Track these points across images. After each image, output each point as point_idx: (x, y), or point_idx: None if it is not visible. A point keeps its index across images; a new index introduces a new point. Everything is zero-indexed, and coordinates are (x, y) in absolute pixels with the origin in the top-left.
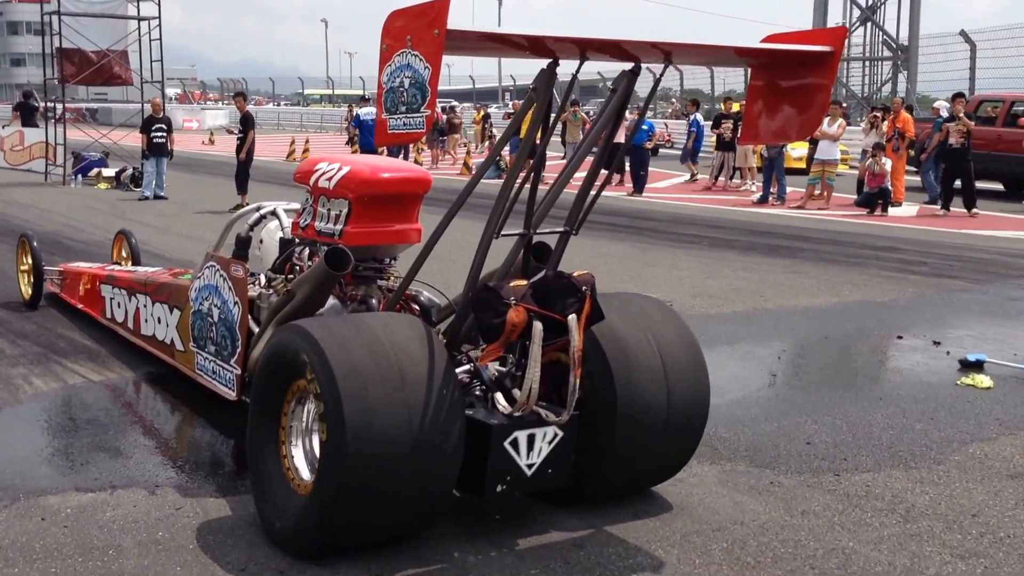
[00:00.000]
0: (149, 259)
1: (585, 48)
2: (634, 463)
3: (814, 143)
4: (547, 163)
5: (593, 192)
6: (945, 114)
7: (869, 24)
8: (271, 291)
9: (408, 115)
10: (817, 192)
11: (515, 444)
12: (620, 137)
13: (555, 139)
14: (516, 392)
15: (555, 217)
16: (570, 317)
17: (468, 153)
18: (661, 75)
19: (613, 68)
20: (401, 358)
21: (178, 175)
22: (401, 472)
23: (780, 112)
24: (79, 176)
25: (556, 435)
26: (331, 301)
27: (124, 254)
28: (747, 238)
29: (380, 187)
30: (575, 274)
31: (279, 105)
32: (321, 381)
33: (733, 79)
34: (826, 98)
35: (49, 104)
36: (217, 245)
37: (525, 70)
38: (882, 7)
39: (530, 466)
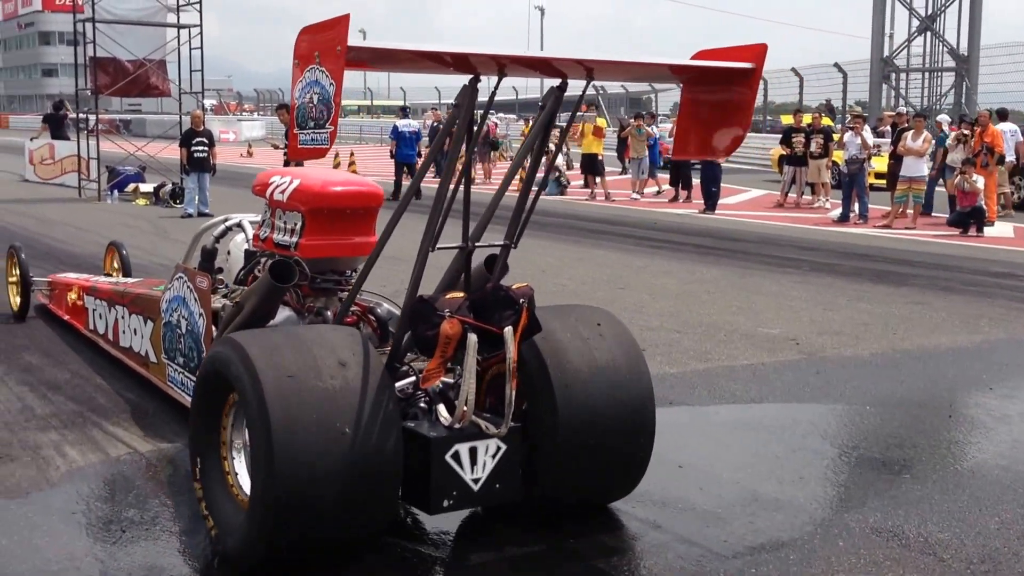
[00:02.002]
0: None
1: (503, 64)
2: (582, 476)
3: (896, 159)
4: (607, 178)
5: (528, 205)
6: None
7: (928, 33)
8: (232, 303)
9: (316, 131)
10: (900, 211)
11: (457, 457)
12: None
13: (611, 154)
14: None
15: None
16: (506, 329)
17: (523, 168)
18: (584, 90)
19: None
20: (333, 370)
21: (219, 189)
22: (335, 485)
23: (708, 128)
24: (115, 192)
25: (499, 448)
26: (287, 313)
27: (116, 265)
28: (848, 262)
29: (331, 200)
30: (513, 287)
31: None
32: (248, 393)
33: (788, 91)
34: (748, 114)
35: (81, 115)
36: (186, 257)
37: (570, 80)
38: (942, 15)
39: (476, 480)
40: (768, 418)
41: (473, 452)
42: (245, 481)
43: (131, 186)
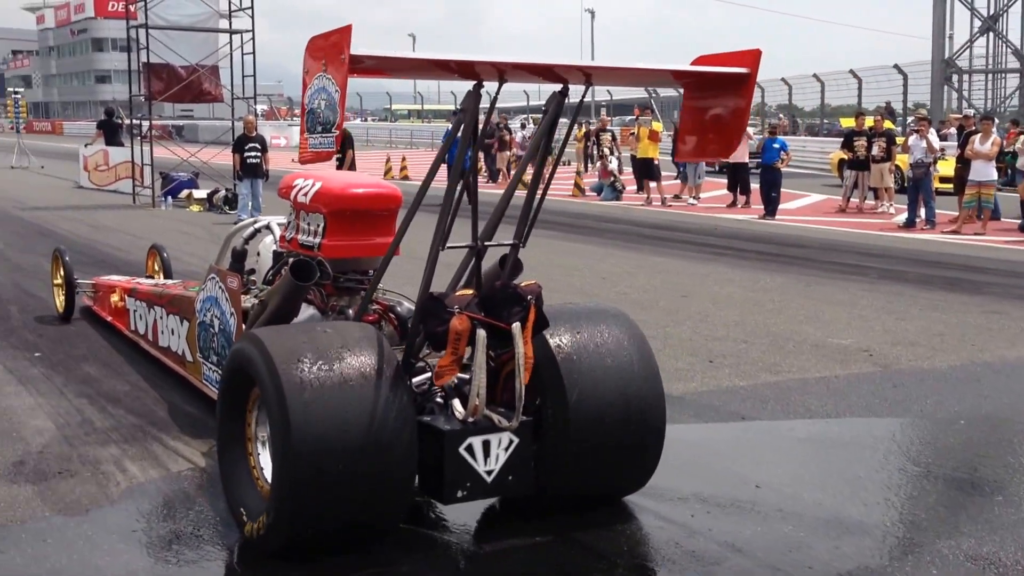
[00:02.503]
0: None
1: (503, 71)
2: (594, 471)
3: (963, 163)
4: (663, 182)
5: (535, 205)
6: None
7: (991, 34)
8: (258, 302)
9: (323, 135)
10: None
11: (471, 450)
12: (743, 156)
13: (665, 158)
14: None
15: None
16: (514, 325)
17: (578, 173)
18: (583, 96)
19: None
20: (349, 365)
21: (271, 195)
22: (351, 475)
23: (708, 131)
24: (169, 198)
25: (512, 441)
26: (311, 311)
27: (157, 268)
28: (917, 269)
29: (351, 202)
30: (522, 284)
31: (366, 120)
32: (267, 387)
33: (845, 93)
34: (745, 117)
35: (134, 122)
36: (219, 258)
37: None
38: (1004, 15)
39: (489, 472)
40: (847, 434)
41: (486, 445)
42: (269, 472)
43: (184, 192)
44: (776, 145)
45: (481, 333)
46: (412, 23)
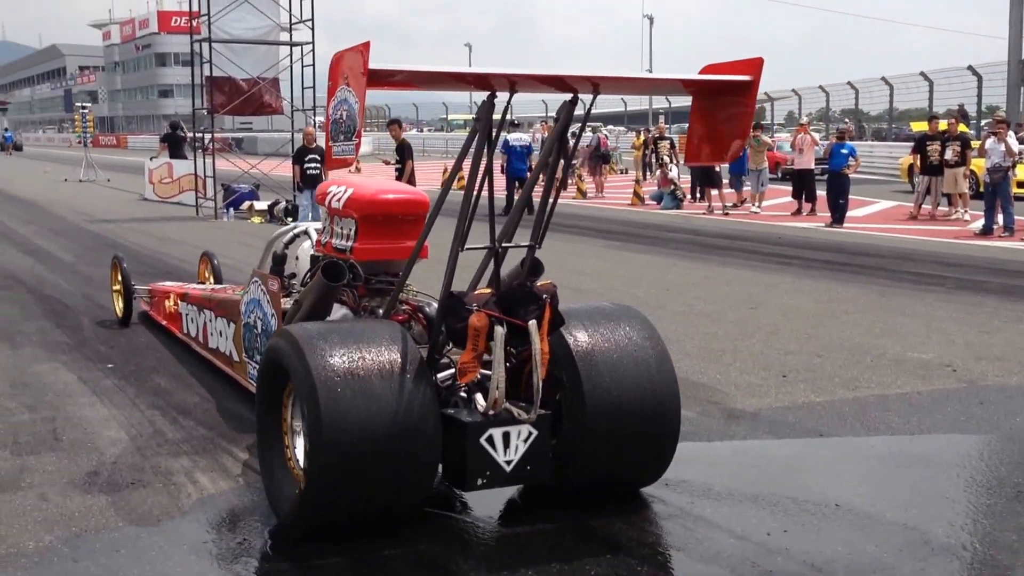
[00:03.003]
0: None
1: (515, 82)
2: (611, 462)
3: None
4: (723, 190)
5: (548, 208)
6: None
7: None
8: (294, 302)
9: (345, 143)
10: None
11: (491, 441)
12: (809, 163)
13: (725, 165)
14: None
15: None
16: (531, 323)
17: (637, 182)
18: (591, 105)
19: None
20: (375, 361)
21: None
22: (377, 462)
23: (714, 136)
24: (231, 210)
25: (531, 433)
26: (343, 311)
27: (208, 274)
28: (998, 279)
29: (381, 207)
30: (538, 284)
31: (423, 131)
32: (300, 379)
33: (915, 96)
34: (748, 123)
35: (196, 134)
36: (261, 262)
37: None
38: None
39: (508, 462)
40: (931, 452)
41: (506, 436)
42: (301, 459)
43: (246, 204)
44: (844, 151)
45: (499, 329)
46: (468, 33)
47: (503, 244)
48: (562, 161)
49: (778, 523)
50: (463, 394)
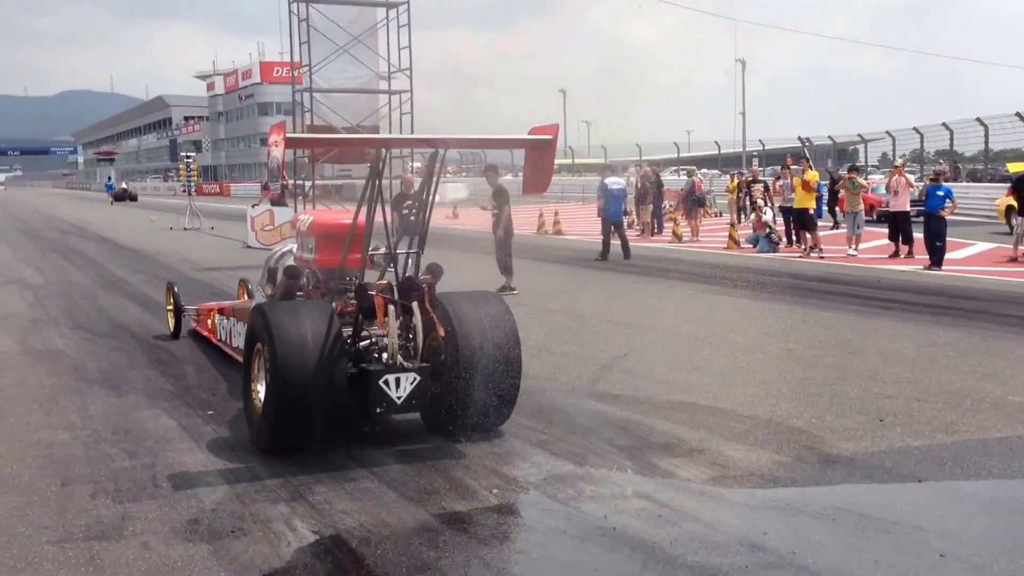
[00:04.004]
0: None
1: (388, 145)
2: (472, 406)
3: None
4: (819, 233)
5: (426, 221)
6: None
7: None
8: (269, 295)
9: (274, 183)
10: None
11: (387, 383)
12: (904, 205)
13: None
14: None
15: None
16: (414, 304)
17: (732, 225)
18: (434, 158)
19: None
20: (311, 328)
21: (428, 252)
22: (309, 394)
23: (536, 175)
24: None
25: (416, 379)
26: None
27: (244, 295)
28: None
29: (333, 230)
30: (420, 277)
31: (517, 176)
32: (266, 341)
33: (1012, 137)
34: (551, 168)
35: (297, 182)
36: (261, 277)
37: (773, 133)
38: None
39: (399, 398)
40: None
41: (398, 380)
42: (261, 396)
43: None
44: (940, 192)
45: (391, 308)
46: (564, 78)
47: (396, 251)
48: (652, 205)
49: (882, 573)
50: (375, 355)
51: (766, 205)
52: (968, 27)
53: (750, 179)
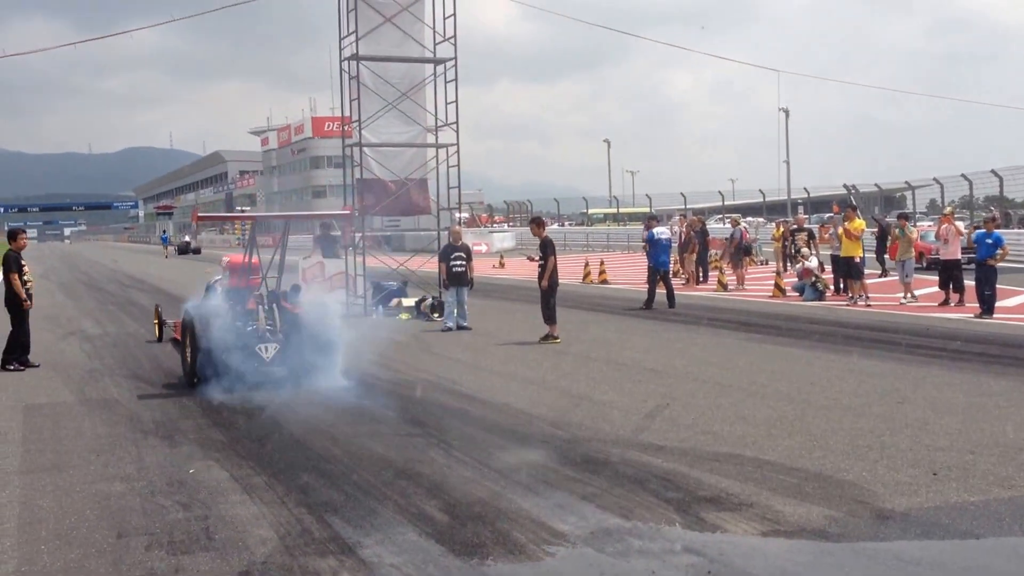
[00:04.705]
0: (462, 401)
1: (286, 219)
2: (309, 369)
3: None
4: (866, 280)
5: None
6: None
7: None
8: None
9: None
10: None
11: (263, 349)
12: (955, 253)
13: (869, 256)
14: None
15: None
16: (275, 305)
17: (778, 274)
18: (284, 227)
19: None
20: (222, 319)
21: (475, 301)
22: (216, 356)
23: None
24: (380, 307)
25: (277, 347)
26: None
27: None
28: None
29: (236, 262)
30: (293, 287)
31: (563, 225)
32: (190, 326)
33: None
34: (349, 229)
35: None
36: (200, 296)
37: (818, 180)
38: None
39: (268, 359)
40: None
41: (267, 348)
42: (188, 356)
43: (394, 300)
44: (990, 240)
45: (260, 308)
46: (606, 127)
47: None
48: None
49: None
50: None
51: (811, 253)
52: (1015, 72)
53: (795, 227)
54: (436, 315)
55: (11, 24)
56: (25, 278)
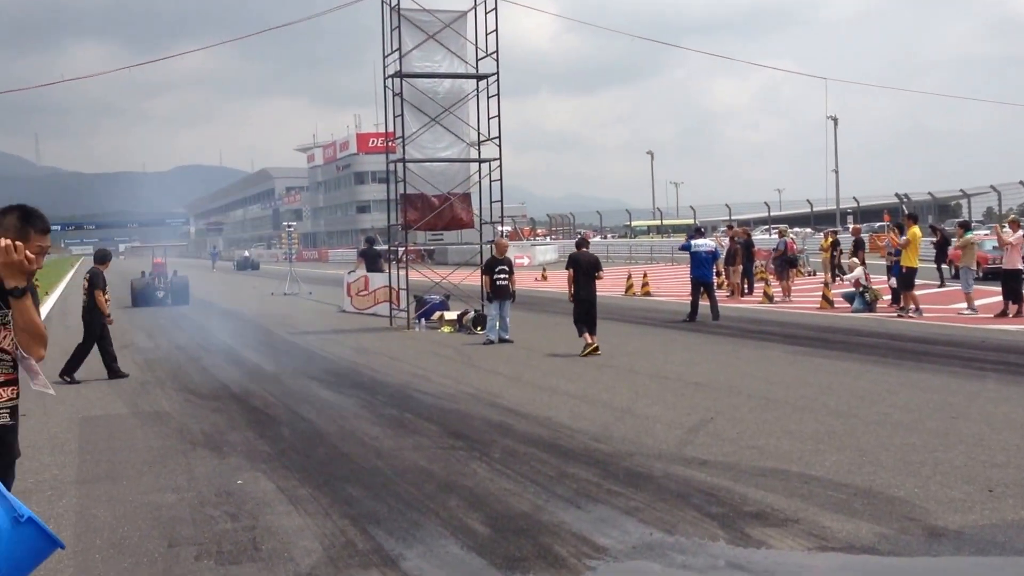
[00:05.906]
0: (504, 415)
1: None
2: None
3: None
4: (915, 292)
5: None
6: None
7: None
8: None
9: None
10: None
11: None
12: (1015, 262)
13: (928, 266)
14: None
15: None
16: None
17: (826, 285)
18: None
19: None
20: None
21: (517, 314)
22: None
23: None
24: (422, 320)
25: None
26: None
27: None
28: None
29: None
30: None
31: (606, 238)
32: None
33: None
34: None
35: (391, 248)
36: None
37: (868, 190)
38: None
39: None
40: None
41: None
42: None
43: (437, 314)
44: None
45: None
46: (649, 138)
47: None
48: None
49: None
50: None
51: (860, 263)
52: None
53: (853, 238)
54: (479, 328)
55: (65, 48)
56: (106, 296)
